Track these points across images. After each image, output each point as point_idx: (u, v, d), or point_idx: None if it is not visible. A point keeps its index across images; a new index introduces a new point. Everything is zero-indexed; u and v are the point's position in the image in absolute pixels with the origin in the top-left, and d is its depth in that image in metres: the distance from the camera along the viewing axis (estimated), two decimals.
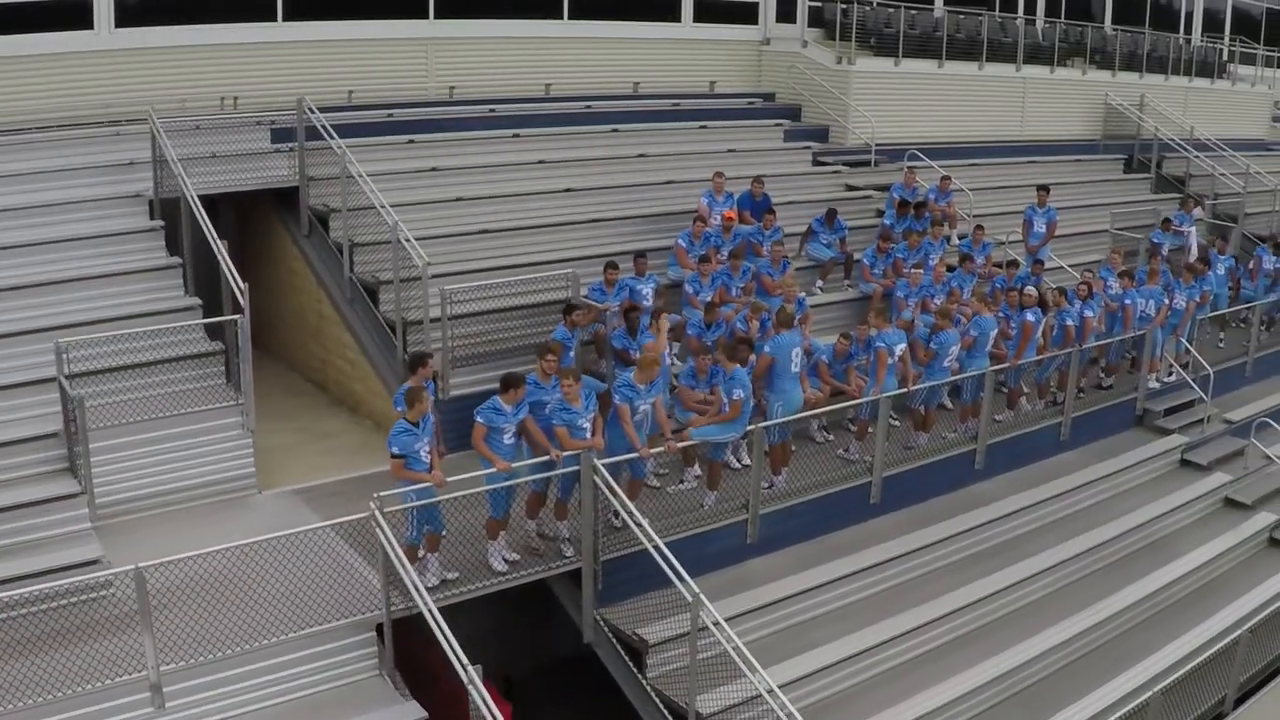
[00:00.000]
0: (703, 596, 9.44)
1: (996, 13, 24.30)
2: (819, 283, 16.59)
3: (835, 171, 19.76)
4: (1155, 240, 19.12)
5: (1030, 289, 14.56)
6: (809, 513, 12.21)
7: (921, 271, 15.66)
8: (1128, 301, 15.48)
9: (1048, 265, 17.41)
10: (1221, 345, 18.25)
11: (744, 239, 15.94)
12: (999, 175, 21.59)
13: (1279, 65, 29.90)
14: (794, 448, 12.63)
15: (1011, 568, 12.55)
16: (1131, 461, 14.99)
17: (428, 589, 9.28)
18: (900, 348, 12.87)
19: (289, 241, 15.32)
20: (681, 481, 12.06)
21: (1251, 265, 19.39)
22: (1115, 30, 26.83)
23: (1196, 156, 23.75)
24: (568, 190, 16.88)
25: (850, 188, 19.42)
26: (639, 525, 10.00)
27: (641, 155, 18.36)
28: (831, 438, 13.51)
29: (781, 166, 19.62)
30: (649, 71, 20.56)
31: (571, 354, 12.72)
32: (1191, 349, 16.55)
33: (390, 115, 17.27)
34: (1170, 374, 16.39)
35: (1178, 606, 13.04)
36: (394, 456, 9.60)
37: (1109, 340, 15.51)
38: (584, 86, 19.77)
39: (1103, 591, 12.67)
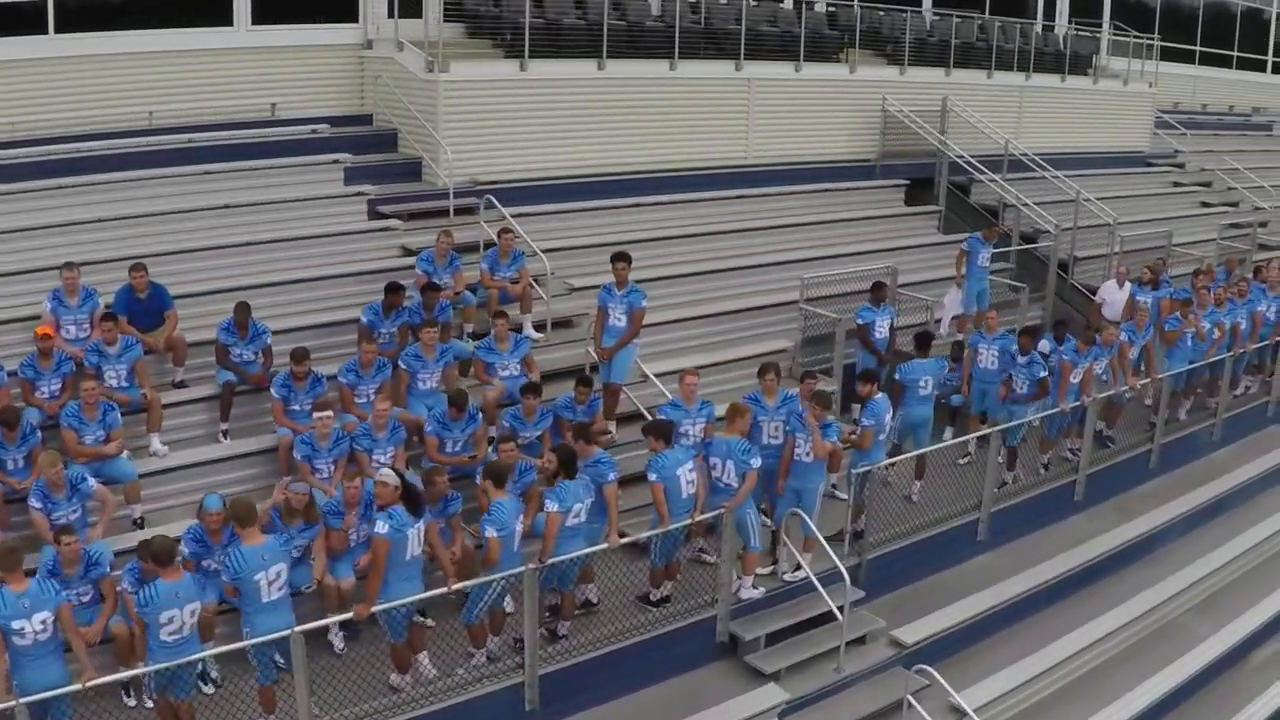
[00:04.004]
0: None
1: None
2: (223, 425, 10.21)
3: (387, 229, 13.37)
4: (860, 320, 12.53)
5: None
6: None
7: (331, 415, 9.23)
8: (652, 477, 8.80)
9: (627, 381, 10.94)
10: (914, 499, 11.29)
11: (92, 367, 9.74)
12: (688, 218, 15.14)
13: (1163, 57, 23.04)
14: None
15: None
16: None
17: None
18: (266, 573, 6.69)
19: None
20: None
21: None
22: (940, 15, 20.30)
23: (993, 180, 17.08)
24: None
25: (407, 252, 13.04)
26: None
27: (72, 223, 12.06)
28: None
29: (323, 223, 13.32)
30: (177, 95, 14.24)
31: None
32: (814, 532, 9.73)
33: None
34: (798, 569, 9.79)
35: None
36: None
37: (645, 535, 8.95)
38: (69, 123, 13.52)
39: None
